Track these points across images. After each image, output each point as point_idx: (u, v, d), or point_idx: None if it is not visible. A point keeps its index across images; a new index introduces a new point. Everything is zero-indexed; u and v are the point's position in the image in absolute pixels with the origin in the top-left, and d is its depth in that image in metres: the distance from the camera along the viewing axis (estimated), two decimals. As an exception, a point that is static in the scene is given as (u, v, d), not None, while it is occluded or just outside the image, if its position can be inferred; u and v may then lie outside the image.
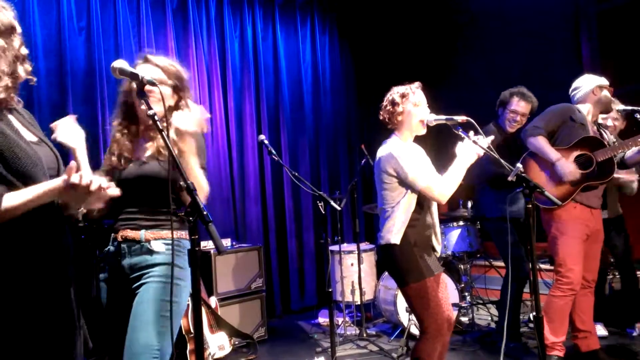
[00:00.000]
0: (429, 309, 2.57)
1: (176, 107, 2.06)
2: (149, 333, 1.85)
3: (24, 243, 1.43)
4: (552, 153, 3.29)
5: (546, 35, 5.20)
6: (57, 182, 1.41)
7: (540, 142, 3.33)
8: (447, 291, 2.80)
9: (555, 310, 3.27)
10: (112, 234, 2.06)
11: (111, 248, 2.06)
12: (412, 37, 6.16)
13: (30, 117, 1.66)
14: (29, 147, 1.48)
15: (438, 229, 2.78)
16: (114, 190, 1.54)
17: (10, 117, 1.53)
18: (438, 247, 2.76)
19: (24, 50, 1.53)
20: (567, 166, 3.25)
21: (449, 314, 2.66)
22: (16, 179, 1.40)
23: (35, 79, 1.61)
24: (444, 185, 2.60)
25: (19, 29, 1.53)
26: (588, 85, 3.43)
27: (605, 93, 3.41)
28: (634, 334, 3.99)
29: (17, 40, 1.50)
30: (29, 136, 1.55)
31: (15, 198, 1.38)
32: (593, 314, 3.50)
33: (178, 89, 2.06)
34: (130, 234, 2.00)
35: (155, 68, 2.02)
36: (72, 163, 1.42)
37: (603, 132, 3.53)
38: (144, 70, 1.94)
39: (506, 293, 3.72)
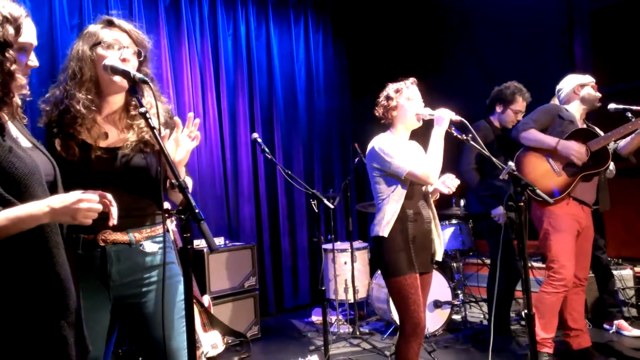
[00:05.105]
0: (405, 306, 2.59)
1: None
2: (178, 338, 1.83)
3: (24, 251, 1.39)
4: (550, 139, 3.32)
5: (539, 33, 5.22)
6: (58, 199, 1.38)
7: (535, 134, 3.36)
8: (427, 295, 2.82)
9: (546, 306, 3.28)
10: (82, 236, 1.76)
11: (94, 252, 1.78)
12: (406, 35, 6.16)
13: (21, 123, 1.61)
14: (26, 154, 1.43)
15: (438, 224, 2.81)
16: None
17: (10, 125, 1.50)
18: (438, 244, 2.77)
19: (15, 67, 1.45)
20: (570, 144, 3.26)
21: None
22: (10, 192, 1.36)
23: (29, 93, 1.56)
24: (426, 164, 2.63)
25: (23, 42, 1.48)
26: (569, 85, 3.48)
27: (588, 90, 3.44)
28: (611, 330, 4.03)
29: (11, 56, 1.43)
30: (25, 142, 1.52)
31: (8, 213, 1.32)
32: (584, 312, 3.53)
33: (144, 57, 1.89)
34: (118, 236, 1.79)
35: (122, 33, 1.86)
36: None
37: (593, 129, 3.55)
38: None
39: (493, 291, 3.75)
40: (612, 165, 3.74)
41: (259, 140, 3.54)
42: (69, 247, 1.56)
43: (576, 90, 3.45)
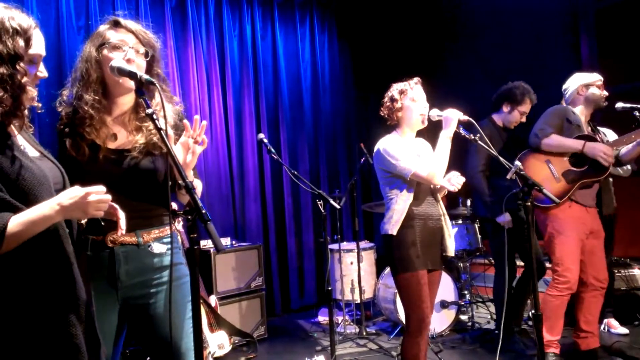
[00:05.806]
0: (412, 302, 2.62)
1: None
2: (186, 339, 1.83)
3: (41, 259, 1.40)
4: (575, 142, 3.27)
5: (545, 32, 5.20)
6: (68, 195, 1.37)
7: (558, 139, 3.31)
8: (435, 293, 2.83)
9: (551, 309, 3.27)
10: (91, 238, 1.77)
11: (102, 254, 1.79)
12: (410, 35, 6.15)
13: (28, 132, 1.62)
14: (34, 164, 1.43)
15: (448, 220, 2.81)
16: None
17: (18, 135, 1.50)
18: (449, 240, 2.78)
19: (26, 79, 1.45)
20: (597, 146, 3.21)
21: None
22: (20, 201, 1.35)
23: (40, 105, 1.57)
24: (431, 165, 2.64)
25: (32, 54, 1.46)
26: (573, 85, 3.45)
27: (593, 90, 3.40)
28: (600, 328, 3.99)
29: (22, 69, 1.42)
30: (32, 152, 1.52)
31: (20, 218, 1.32)
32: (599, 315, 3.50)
33: (152, 58, 1.88)
34: (126, 237, 1.79)
35: (128, 34, 1.85)
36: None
37: (598, 132, 3.53)
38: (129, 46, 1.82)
39: (500, 292, 3.73)
40: (629, 165, 3.71)
41: (265, 140, 3.55)
42: (79, 249, 1.57)
43: (580, 91, 3.41)
